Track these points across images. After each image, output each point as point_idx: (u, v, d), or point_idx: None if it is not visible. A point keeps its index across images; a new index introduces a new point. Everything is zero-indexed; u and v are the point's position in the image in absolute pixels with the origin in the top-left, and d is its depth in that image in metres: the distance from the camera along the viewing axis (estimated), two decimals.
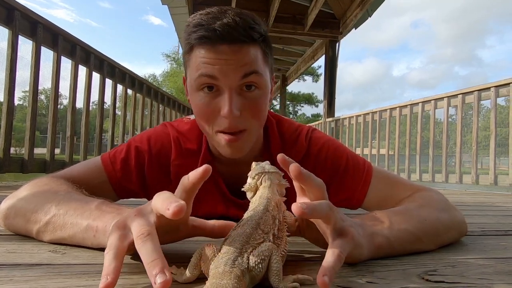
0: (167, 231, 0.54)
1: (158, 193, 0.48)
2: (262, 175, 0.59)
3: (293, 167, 0.49)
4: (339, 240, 0.52)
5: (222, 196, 0.90)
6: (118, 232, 0.48)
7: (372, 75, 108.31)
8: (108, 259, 0.44)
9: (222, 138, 0.75)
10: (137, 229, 0.47)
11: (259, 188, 0.58)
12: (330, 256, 0.48)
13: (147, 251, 0.44)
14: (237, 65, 0.71)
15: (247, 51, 0.72)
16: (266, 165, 0.61)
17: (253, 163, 0.63)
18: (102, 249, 0.60)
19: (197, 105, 0.76)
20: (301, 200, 0.57)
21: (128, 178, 0.86)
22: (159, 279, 0.40)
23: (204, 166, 0.47)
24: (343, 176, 0.88)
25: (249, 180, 0.61)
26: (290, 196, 0.61)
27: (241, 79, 0.72)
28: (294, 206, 0.47)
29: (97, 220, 0.58)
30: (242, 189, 0.61)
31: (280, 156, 0.52)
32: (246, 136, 0.76)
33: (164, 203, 0.44)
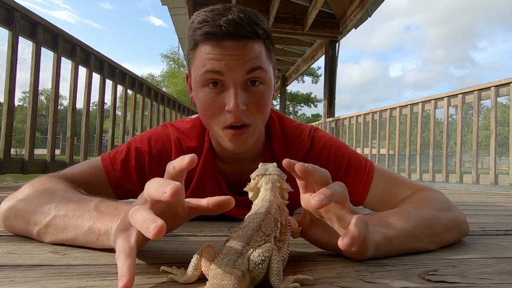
0: (169, 218, 0.53)
1: (148, 182, 0.48)
2: (262, 177, 0.59)
3: (298, 167, 0.50)
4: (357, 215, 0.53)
5: (223, 194, 0.90)
6: (122, 235, 0.48)
7: (369, 77, 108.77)
8: (120, 261, 0.44)
9: (228, 133, 0.76)
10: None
11: (261, 190, 0.58)
12: (353, 220, 0.51)
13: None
14: (242, 61, 0.72)
15: (252, 47, 0.73)
16: (271, 167, 0.61)
17: (260, 164, 0.63)
18: (104, 250, 0.60)
19: (202, 101, 0.76)
20: (306, 195, 0.57)
21: (128, 179, 0.86)
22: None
23: (191, 155, 0.47)
24: (345, 174, 0.88)
25: (251, 180, 0.61)
26: (292, 200, 0.61)
27: (246, 74, 0.73)
28: (312, 201, 0.48)
29: (97, 222, 0.58)
30: (244, 189, 0.61)
31: (285, 161, 0.52)
32: (250, 130, 0.77)
33: (160, 188, 0.44)
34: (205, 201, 0.56)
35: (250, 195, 0.60)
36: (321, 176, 0.52)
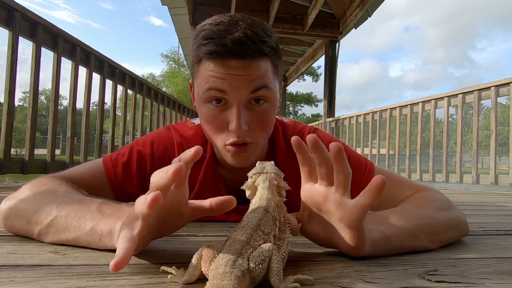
0: (173, 217, 0.55)
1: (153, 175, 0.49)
2: (260, 175, 0.59)
3: (309, 137, 0.53)
4: None
5: None
6: (127, 227, 0.49)
7: (369, 77, 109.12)
8: (119, 245, 0.45)
9: (230, 149, 0.76)
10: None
11: (258, 188, 0.58)
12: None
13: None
14: (247, 80, 0.70)
15: (258, 66, 0.71)
16: (268, 165, 0.61)
17: (258, 162, 0.63)
18: (104, 250, 0.60)
19: (205, 117, 0.76)
20: (307, 184, 0.58)
21: (129, 182, 0.86)
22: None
23: (196, 147, 0.50)
24: None
25: (248, 178, 0.61)
26: (290, 198, 0.61)
27: (250, 93, 0.72)
28: (331, 144, 0.51)
29: (100, 223, 0.58)
30: (242, 188, 0.61)
31: (294, 139, 0.54)
32: (252, 147, 0.77)
33: (161, 172, 0.46)
34: (207, 202, 0.57)
35: (248, 193, 0.60)
36: (327, 155, 0.54)
